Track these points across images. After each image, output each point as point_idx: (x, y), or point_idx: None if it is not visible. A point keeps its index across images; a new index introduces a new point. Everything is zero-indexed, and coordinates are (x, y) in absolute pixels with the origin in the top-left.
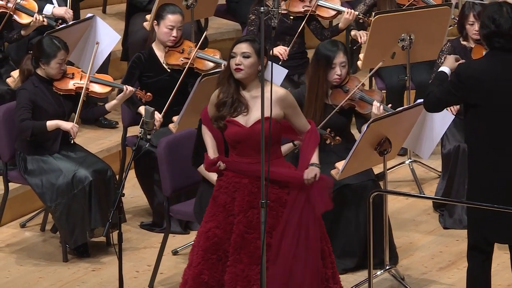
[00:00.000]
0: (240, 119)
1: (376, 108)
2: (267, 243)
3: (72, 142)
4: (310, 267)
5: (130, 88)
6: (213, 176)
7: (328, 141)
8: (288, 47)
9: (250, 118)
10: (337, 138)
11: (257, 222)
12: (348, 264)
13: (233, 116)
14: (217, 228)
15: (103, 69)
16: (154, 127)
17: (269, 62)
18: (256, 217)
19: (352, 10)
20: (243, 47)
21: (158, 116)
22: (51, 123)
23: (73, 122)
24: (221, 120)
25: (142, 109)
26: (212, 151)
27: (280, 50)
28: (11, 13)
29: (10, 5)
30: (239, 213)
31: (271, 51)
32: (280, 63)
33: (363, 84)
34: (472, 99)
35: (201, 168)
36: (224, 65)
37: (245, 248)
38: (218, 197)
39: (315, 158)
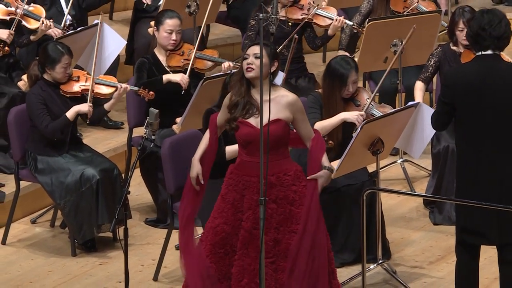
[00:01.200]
0: (252, 120)
1: None
2: (275, 239)
3: (87, 122)
4: (322, 262)
5: (123, 85)
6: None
7: None
8: (287, 52)
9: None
10: (330, 142)
11: (265, 218)
12: (347, 259)
13: (245, 117)
14: (225, 224)
15: (112, 72)
16: (183, 86)
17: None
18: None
19: (340, 18)
20: (256, 49)
21: (185, 77)
22: (71, 113)
23: (86, 103)
24: (234, 121)
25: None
26: (198, 156)
27: None
28: (20, 18)
29: (19, 11)
30: (248, 209)
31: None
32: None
33: (373, 100)
34: (459, 103)
35: (227, 150)
36: (223, 65)
37: (252, 243)
38: (227, 194)
39: (325, 160)
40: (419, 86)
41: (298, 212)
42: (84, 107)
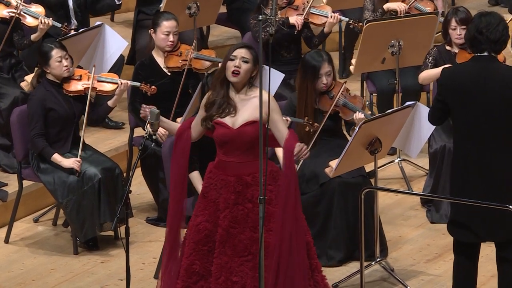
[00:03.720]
0: (227, 120)
1: (358, 119)
2: (251, 237)
3: (77, 176)
4: (300, 259)
5: (124, 81)
6: (198, 185)
7: (307, 129)
8: (287, 53)
9: (237, 120)
10: (315, 124)
11: (241, 218)
12: (339, 255)
13: (221, 116)
14: (207, 221)
15: (117, 72)
16: (159, 139)
17: (266, 67)
18: (241, 213)
19: (335, 14)
20: (243, 52)
21: (163, 130)
22: (55, 158)
23: (76, 158)
24: (209, 121)
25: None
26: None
27: (298, 20)
28: (19, 17)
29: (18, 10)
30: (225, 208)
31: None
32: (295, 32)
33: (347, 90)
34: (450, 101)
35: (191, 175)
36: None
37: (229, 241)
38: (208, 193)
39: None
40: (426, 71)
41: (274, 211)
42: (68, 163)
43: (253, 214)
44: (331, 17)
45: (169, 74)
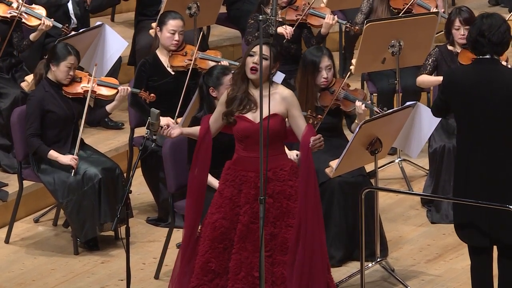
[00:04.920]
0: (249, 115)
1: (358, 107)
2: (271, 233)
3: (73, 174)
4: (320, 254)
5: (125, 87)
6: (213, 182)
7: (310, 121)
8: (287, 53)
9: (258, 114)
10: (319, 116)
11: None
12: (338, 254)
13: (242, 112)
14: (223, 219)
15: (114, 74)
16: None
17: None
18: None
19: (331, 15)
20: (263, 49)
21: (171, 120)
22: (52, 154)
23: (74, 153)
24: (231, 116)
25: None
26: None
27: (287, 30)
28: (20, 16)
29: (18, 11)
30: (245, 204)
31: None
32: (284, 41)
33: (348, 85)
34: (453, 103)
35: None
36: (228, 63)
37: (249, 237)
38: (224, 190)
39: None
40: (424, 76)
41: (294, 207)
42: (66, 159)
43: (274, 209)
44: (328, 18)
45: (172, 73)
